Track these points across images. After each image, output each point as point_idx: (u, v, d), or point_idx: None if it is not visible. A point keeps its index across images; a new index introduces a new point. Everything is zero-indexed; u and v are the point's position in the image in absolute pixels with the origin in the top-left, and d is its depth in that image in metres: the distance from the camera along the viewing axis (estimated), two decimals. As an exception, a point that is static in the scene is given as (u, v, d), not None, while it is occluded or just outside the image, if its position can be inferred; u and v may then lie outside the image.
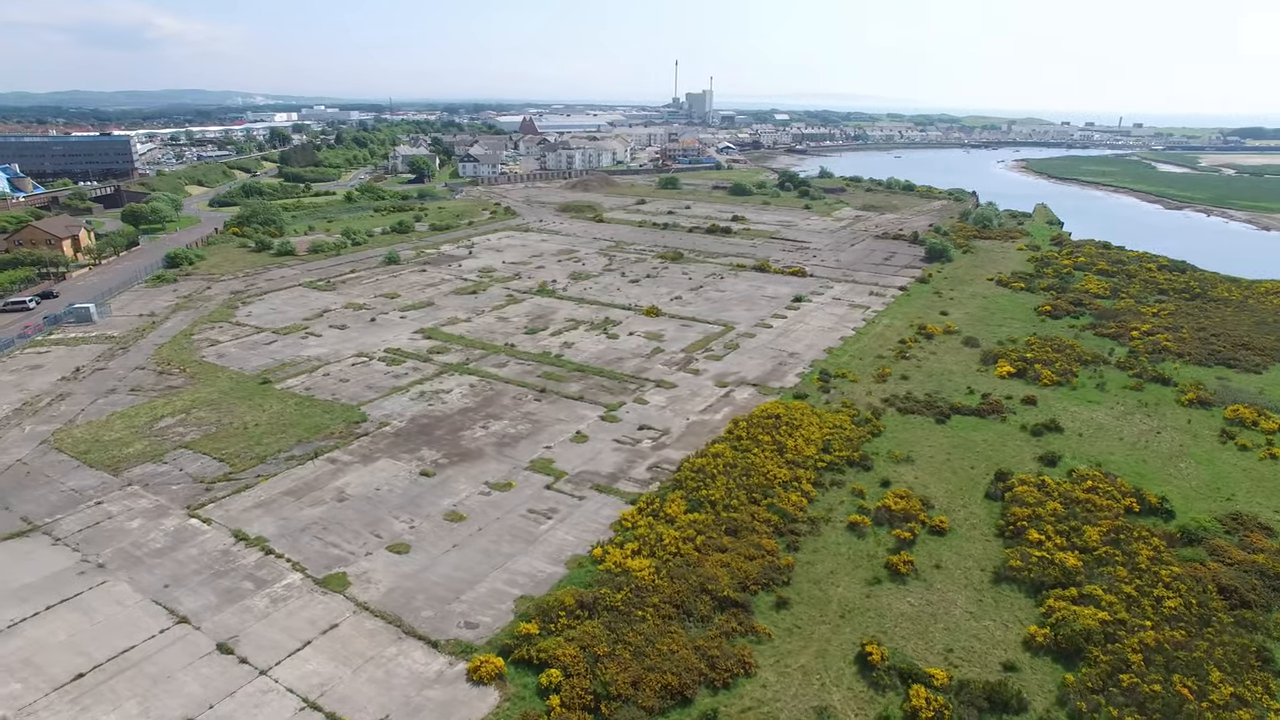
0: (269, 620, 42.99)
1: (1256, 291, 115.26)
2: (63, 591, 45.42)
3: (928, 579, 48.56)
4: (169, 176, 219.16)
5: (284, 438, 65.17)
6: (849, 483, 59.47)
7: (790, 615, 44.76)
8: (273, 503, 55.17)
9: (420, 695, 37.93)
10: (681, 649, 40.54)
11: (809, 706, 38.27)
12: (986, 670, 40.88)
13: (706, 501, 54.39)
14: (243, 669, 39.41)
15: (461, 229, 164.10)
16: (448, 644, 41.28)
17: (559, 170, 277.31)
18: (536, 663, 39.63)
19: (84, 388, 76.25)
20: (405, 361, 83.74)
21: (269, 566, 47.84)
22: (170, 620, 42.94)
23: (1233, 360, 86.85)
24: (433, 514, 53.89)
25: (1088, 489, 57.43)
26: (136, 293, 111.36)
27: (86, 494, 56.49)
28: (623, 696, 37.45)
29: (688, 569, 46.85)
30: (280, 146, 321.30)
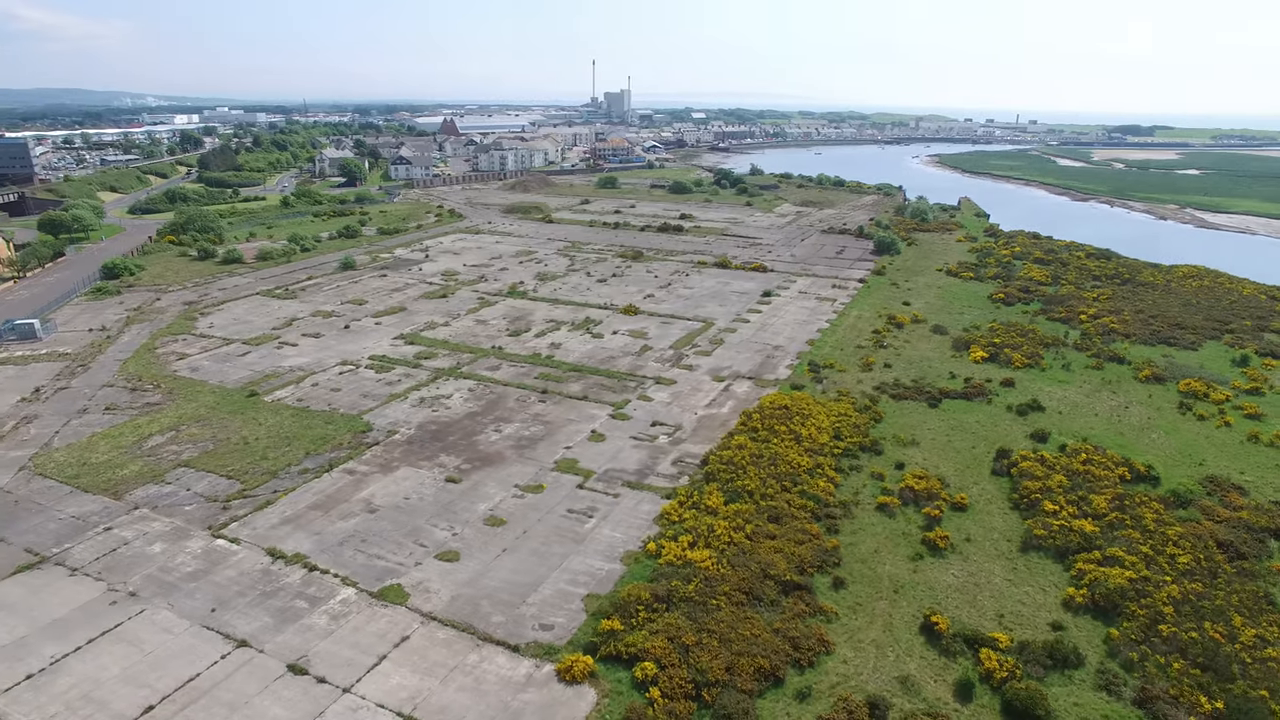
0: (335, 637, 41.69)
1: (1176, 275, 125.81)
2: (100, 623, 42.68)
3: (963, 552, 51.47)
4: (78, 182, 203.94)
5: (290, 451, 62.69)
6: (866, 467, 62.07)
7: (849, 594, 46.65)
8: (300, 518, 53.17)
9: (516, 699, 37.74)
10: (762, 633, 41.78)
11: (891, 677, 40.18)
12: (1037, 631, 43.85)
13: (744, 492, 55.81)
14: (323, 689, 38.19)
15: (410, 232, 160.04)
16: (529, 647, 41.13)
17: (492, 171, 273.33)
18: (626, 657, 40.03)
19: (51, 409, 70.98)
20: (394, 368, 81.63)
21: (317, 583, 46.25)
22: (229, 645, 41.06)
23: (1172, 339, 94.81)
24: (471, 520, 53.17)
25: (1083, 461, 61.91)
26: (78, 306, 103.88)
27: (90, 520, 52.96)
28: (720, 682, 38.37)
29: (745, 557, 48.11)
30: (192, 150, 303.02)
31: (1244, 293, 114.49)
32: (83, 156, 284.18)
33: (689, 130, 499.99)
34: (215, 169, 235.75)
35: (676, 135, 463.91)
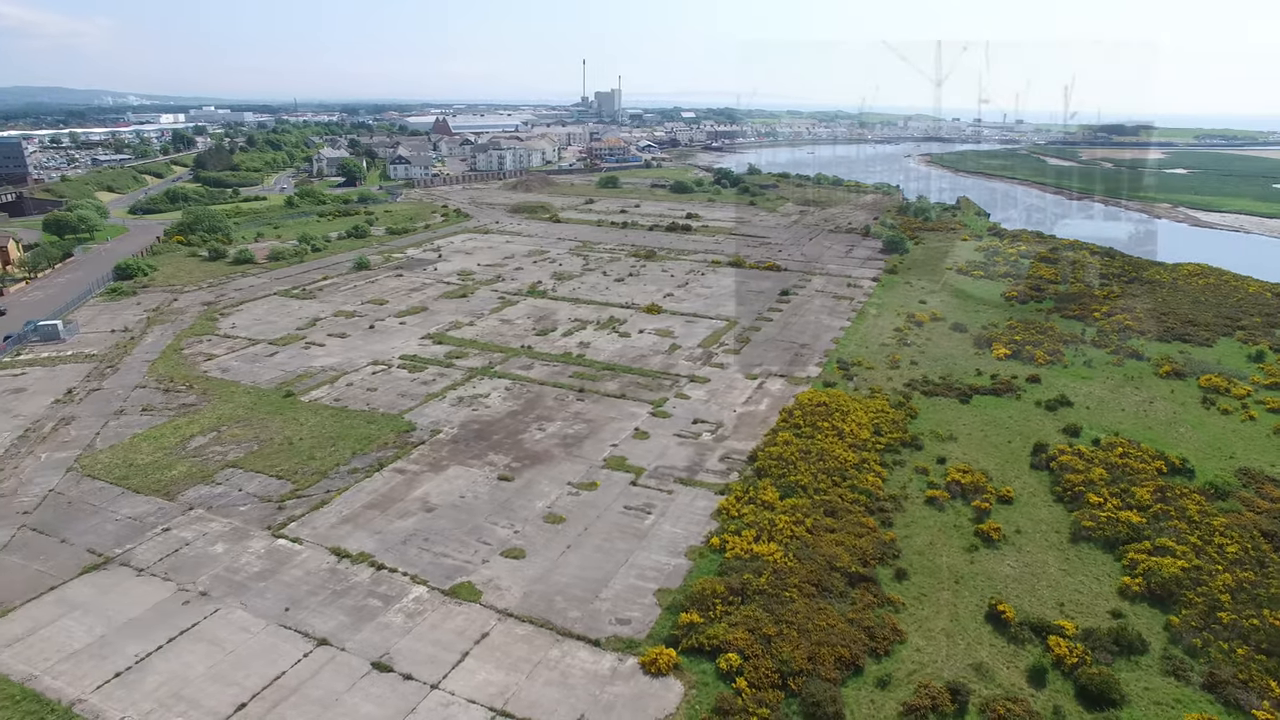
0: (414, 635, 41.95)
1: (1181, 274, 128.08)
2: (177, 623, 42.70)
3: (1016, 543, 52.50)
4: (75, 182, 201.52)
5: (336, 451, 62.72)
6: (909, 461, 63.03)
7: (912, 585, 47.50)
8: (358, 517, 53.31)
9: (604, 692, 38.21)
10: (837, 623, 42.52)
11: (965, 665, 41.03)
12: (1099, 619, 44.87)
13: (798, 487, 56.57)
14: (411, 685, 38.47)
15: (419, 232, 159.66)
16: (609, 641, 41.60)
17: (490, 171, 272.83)
18: (708, 649, 40.62)
19: (87, 410, 70.50)
20: (427, 368, 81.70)
21: (387, 582, 46.45)
22: (310, 643, 41.22)
23: (1186, 336, 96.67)
24: (530, 518, 53.54)
25: (1120, 455, 63.19)
26: (96, 307, 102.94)
27: (147, 521, 52.83)
28: (804, 672, 39.08)
29: (808, 550, 48.86)
30: (185, 150, 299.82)
31: (1250, 290, 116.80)
32: (73, 156, 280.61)
33: (681, 130, 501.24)
34: (212, 169, 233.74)
35: (669, 135, 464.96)
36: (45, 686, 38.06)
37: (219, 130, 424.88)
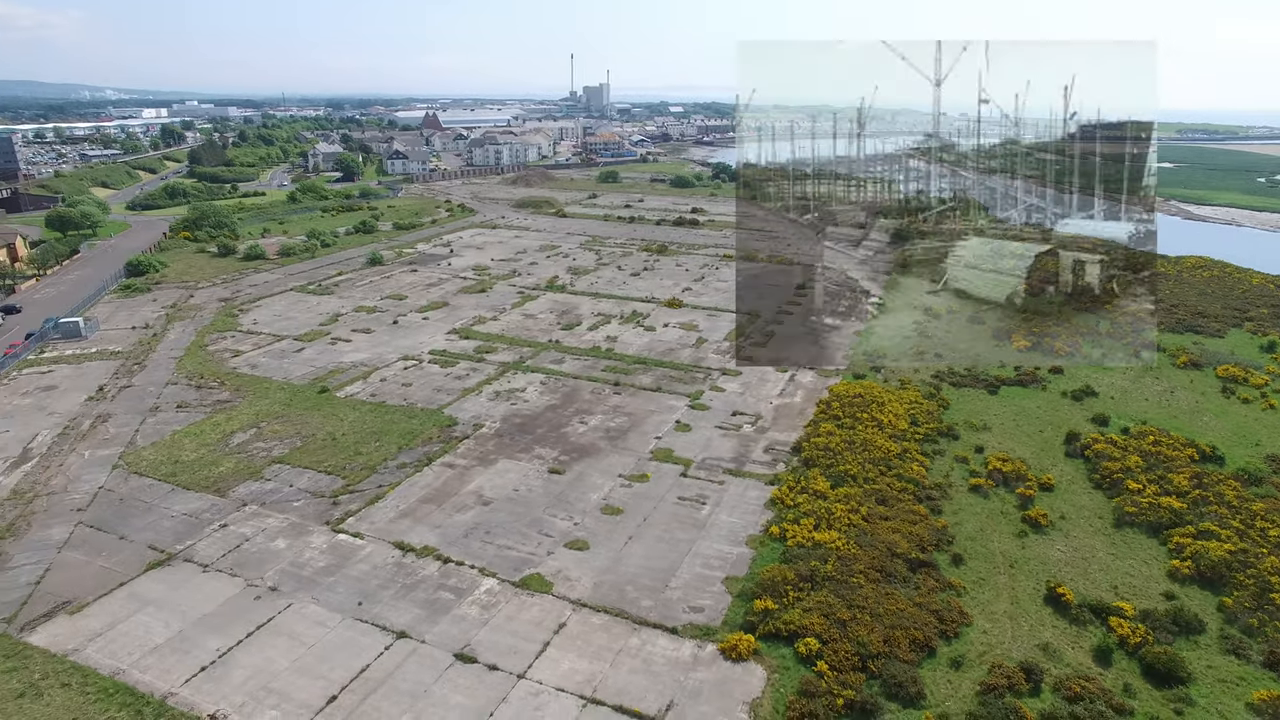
0: (491, 626, 42.36)
1: (1185, 266, 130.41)
2: (252, 618, 42.84)
3: (1063, 529, 53.70)
4: (69, 178, 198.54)
5: (381, 446, 62.82)
6: (948, 451, 64.13)
7: (969, 570, 48.53)
8: (415, 512, 53.54)
9: (689, 678, 38.88)
10: (906, 607, 43.45)
11: (1032, 645, 42.10)
12: (1152, 600, 46.13)
13: (847, 476, 57.48)
14: (498, 675, 38.91)
15: (426, 227, 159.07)
16: (686, 629, 42.26)
17: (487, 165, 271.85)
18: (785, 635, 41.39)
19: (122, 407, 70.03)
20: (458, 363, 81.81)
21: (455, 575, 46.80)
22: (388, 636, 41.52)
23: (1197, 327, 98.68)
24: (588, 510, 54.04)
25: (1152, 443, 64.61)
26: (112, 304, 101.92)
27: (203, 517, 52.78)
28: (881, 654, 39.97)
29: (867, 537, 49.76)
30: (174, 145, 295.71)
31: (1253, 282, 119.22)
32: (61, 152, 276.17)
33: (672, 124, 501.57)
34: (207, 164, 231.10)
35: (661, 129, 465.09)
36: (135, 680, 38.17)
37: (207, 125, 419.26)
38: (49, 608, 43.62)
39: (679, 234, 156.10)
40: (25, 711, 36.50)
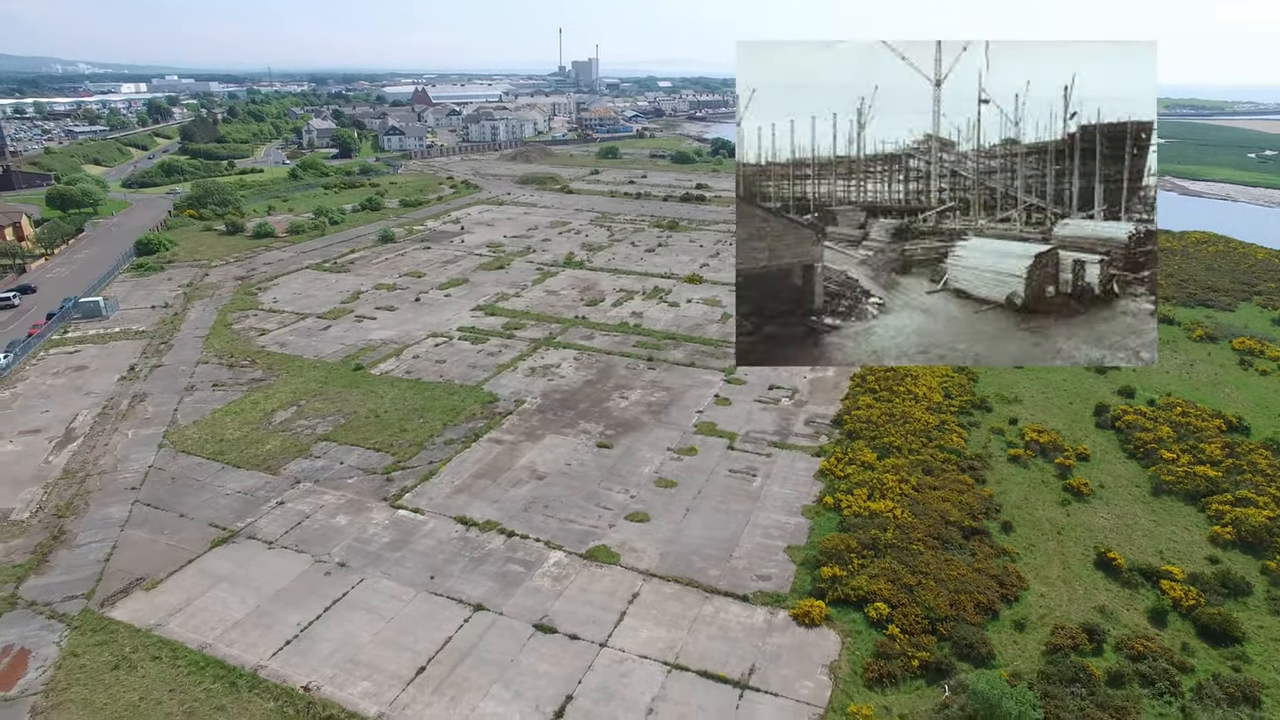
0: (565, 597, 43.13)
1: (1190, 241, 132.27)
2: (326, 593, 43.34)
3: (1104, 497, 55.13)
4: (60, 155, 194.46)
5: (426, 423, 63.11)
6: (983, 423, 65.36)
7: (1019, 536, 49.84)
8: (471, 487, 54.04)
9: (766, 644, 39.93)
10: (966, 572, 44.68)
11: (1089, 607, 43.50)
12: (1197, 564, 47.63)
13: (892, 448, 58.57)
14: (580, 644, 39.74)
15: (432, 204, 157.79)
16: (756, 596, 43.27)
17: (484, 141, 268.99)
18: (854, 600, 42.52)
19: (156, 387, 69.72)
20: (488, 339, 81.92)
21: (522, 548, 47.46)
22: (466, 609, 42.18)
23: (1208, 301, 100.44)
24: (642, 483, 54.78)
25: (1180, 414, 66.21)
26: (127, 283, 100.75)
27: (258, 495, 53.02)
28: (949, 618, 41.22)
29: (920, 506, 50.92)
30: (161, 121, 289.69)
31: (1259, 257, 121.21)
32: (46, 128, 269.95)
33: (664, 99, 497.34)
34: (199, 141, 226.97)
35: (653, 104, 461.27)
36: (222, 654, 38.66)
37: (192, 101, 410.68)
38: (124, 584, 43.89)
39: (687, 210, 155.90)
40: (121, 683, 36.97)
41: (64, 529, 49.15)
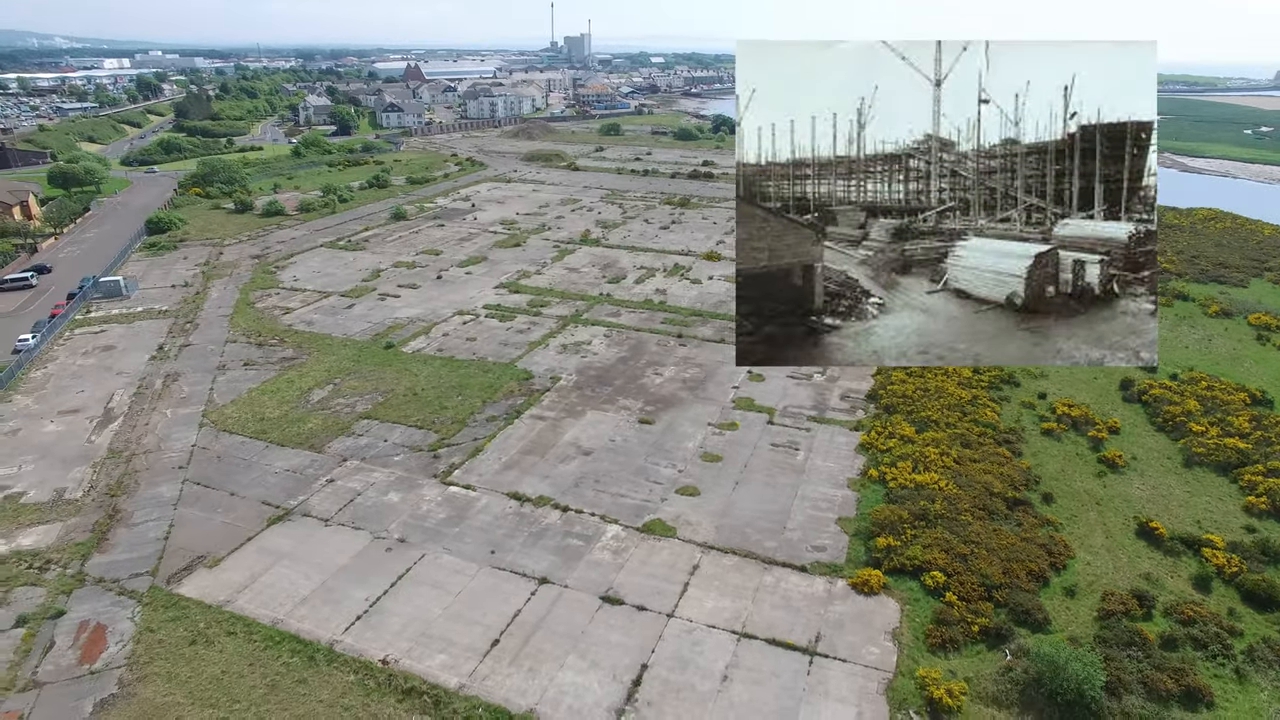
0: (628, 570, 43.84)
1: (1197, 218, 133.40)
2: (390, 569, 43.84)
3: (1138, 469, 56.30)
4: (55, 132, 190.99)
5: (465, 401, 63.38)
6: (1013, 397, 66.31)
7: (1060, 507, 50.90)
8: (519, 463, 54.49)
9: (828, 612, 40.86)
10: (1014, 541, 45.73)
11: (1136, 574, 44.68)
12: (1235, 533, 48.87)
13: (930, 422, 59.47)
14: (648, 615, 40.50)
15: (439, 182, 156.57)
16: (814, 566, 44.16)
17: (483, 118, 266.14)
18: (909, 569, 43.50)
19: (188, 366, 69.55)
20: (515, 317, 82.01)
21: (579, 523, 48.06)
22: (531, 582, 42.82)
23: (1220, 277, 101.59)
24: (688, 457, 55.41)
25: (1205, 388, 67.44)
26: (142, 262, 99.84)
27: (306, 473, 53.29)
28: (1002, 585, 42.29)
29: (963, 478, 51.91)
30: (152, 98, 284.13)
31: (1266, 234, 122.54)
32: (35, 105, 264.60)
33: (659, 75, 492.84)
34: (193, 117, 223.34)
35: (648, 80, 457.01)
36: (296, 629, 39.18)
37: (181, 77, 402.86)
38: (187, 562, 44.26)
39: (695, 187, 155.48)
40: (201, 657, 37.48)
41: (118, 508, 49.35)
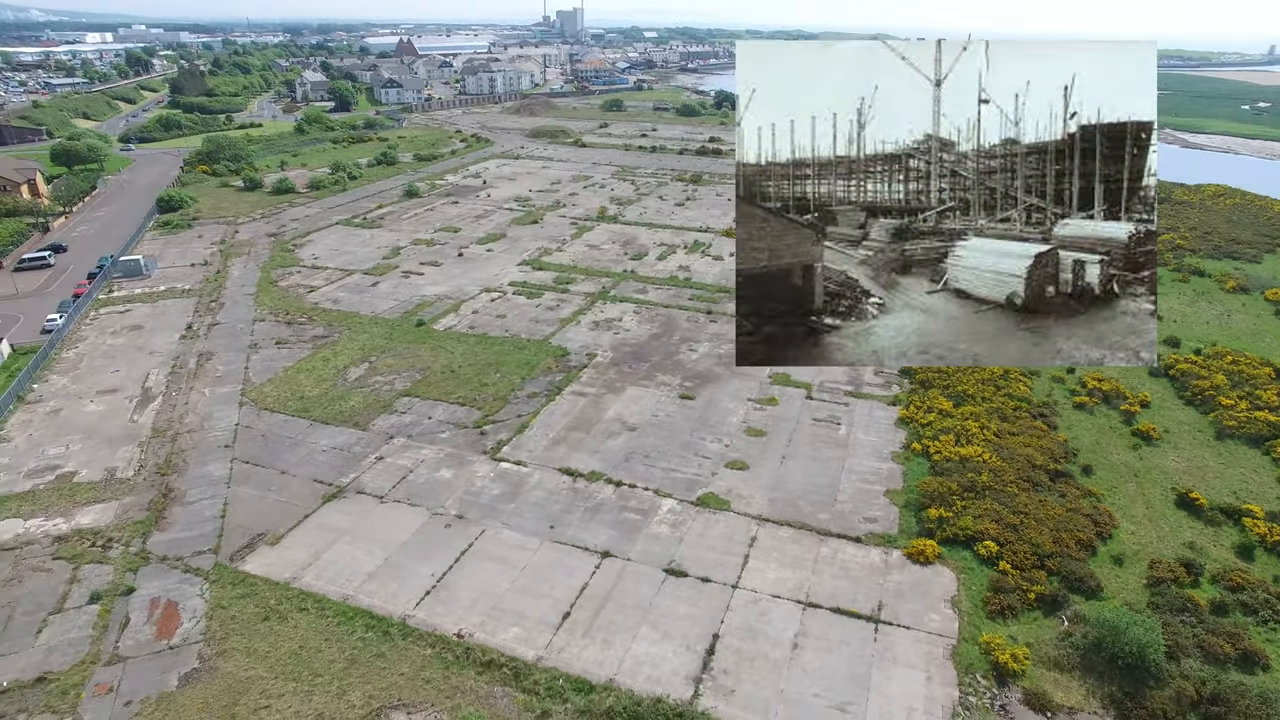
0: (687, 543, 44.47)
1: (1206, 195, 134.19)
2: (452, 544, 44.31)
3: (1171, 441, 57.37)
4: (50, 109, 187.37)
5: (504, 378, 63.57)
6: (1042, 372, 67.03)
7: (1099, 479, 51.89)
8: (566, 439, 54.89)
9: (887, 581, 41.73)
10: (1061, 512, 46.69)
11: (1180, 543, 45.77)
12: (1272, 503, 49.97)
13: (966, 396, 60.24)
14: (713, 587, 41.22)
15: (447, 159, 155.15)
16: (868, 537, 44.97)
17: (481, 94, 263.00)
18: (962, 539, 44.42)
19: (219, 345, 69.32)
20: (542, 294, 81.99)
21: (633, 497, 48.60)
22: (594, 556, 43.41)
23: (1234, 254, 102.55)
24: (732, 432, 55.97)
25: (1230, 363, 68.47)
26: (157, 241, 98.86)
27: (354, 451, 53.51)
28: (1053, 554, 43.28)
29: (1005, 451, 52.77)
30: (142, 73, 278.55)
31: (1276, 210, 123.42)
32: (22, 80, 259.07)
33: (654, 51, 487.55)
34: (188, 94, 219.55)
35: (644, 55, 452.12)
36: (366, 604, 39.64)
37: (169, 53, 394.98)
38: (247, 540, 44.56)
39: (705, 163, 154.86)
40: (276, 633, 37.94)
41: (170, 486, 49.50)
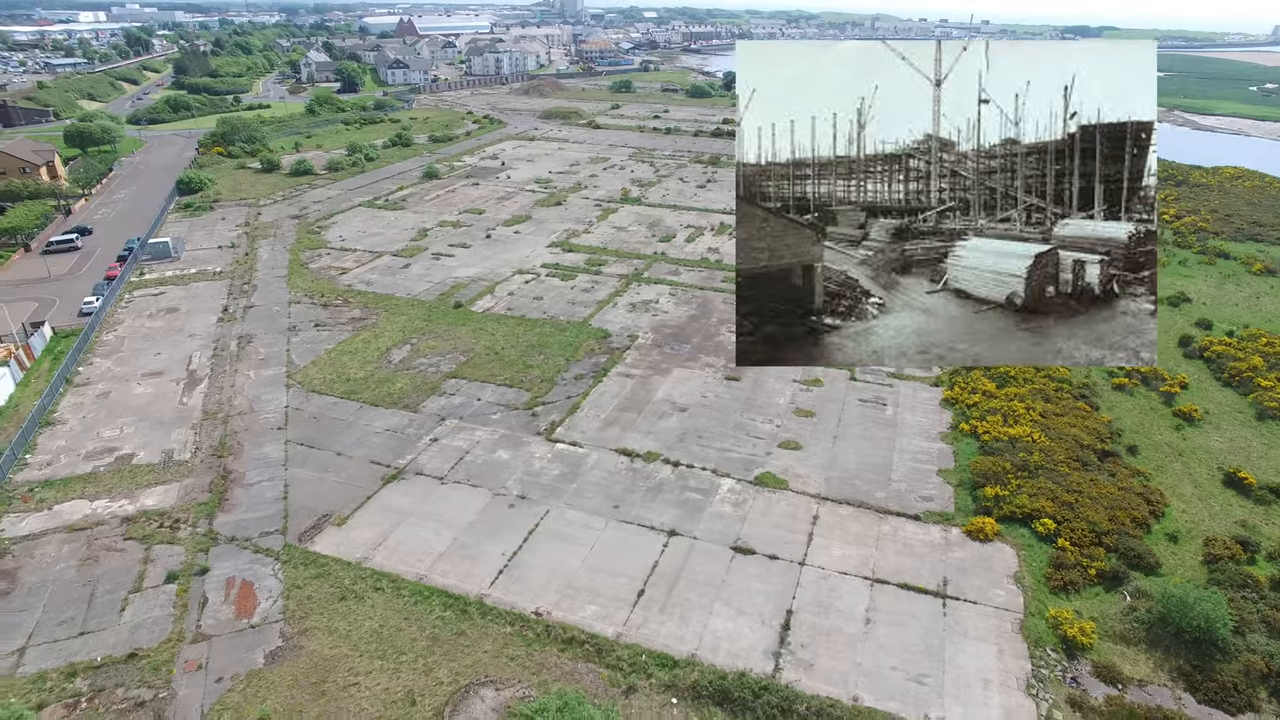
0: (750, 521, 45.03)
1: (1224, 177, 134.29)
2: (518, 524, 44.76)
3: (1213, 422, 58.03)
4: (55, 89, 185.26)
5: (549, 359, 63.83)
6: (1080, 353, 67.73)
7: (1145, 458, 52.51)
8: (619, 420, 55.27)
9: (949, 558, 42.39)
10: (1113, 491, 47.35)
11: (1231, 522, 46.46)
12: (1318, 482, 50.96)
13: (1009, 377, 60.73)
14: (781, 564, 41.82)
15: (461, 140, 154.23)
16: (927, 515, 45.59)
17: (487, 75, 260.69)
18: (1019, 517, 45.08)
19: (257, 328, 69.38)
20: (576, 276, 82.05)
21: (692, 477, 49.07)
22: (661, 535, 43.93)
23: (1257, 236, 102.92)
24: (782, 413, 56.43)
25: (1265, 344, 69.07)
26: (181, 224, 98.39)
27: (408, 433, 53.84)
28: (1110, 531, 43.96)
29: (1052, 431, 53.36)
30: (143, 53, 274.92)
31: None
32: (22, 60, 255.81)
33: (656, 31, 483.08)
34: (193, 74, 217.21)
35: (647, 36, 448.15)
36: (441, 584, 40.10)
37: (168, 33, 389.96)
38: (314, 521, 44.95)
39: (721, 145, 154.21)
40: (354, 612, 38.45)
41: (228, 468, 49.82)
